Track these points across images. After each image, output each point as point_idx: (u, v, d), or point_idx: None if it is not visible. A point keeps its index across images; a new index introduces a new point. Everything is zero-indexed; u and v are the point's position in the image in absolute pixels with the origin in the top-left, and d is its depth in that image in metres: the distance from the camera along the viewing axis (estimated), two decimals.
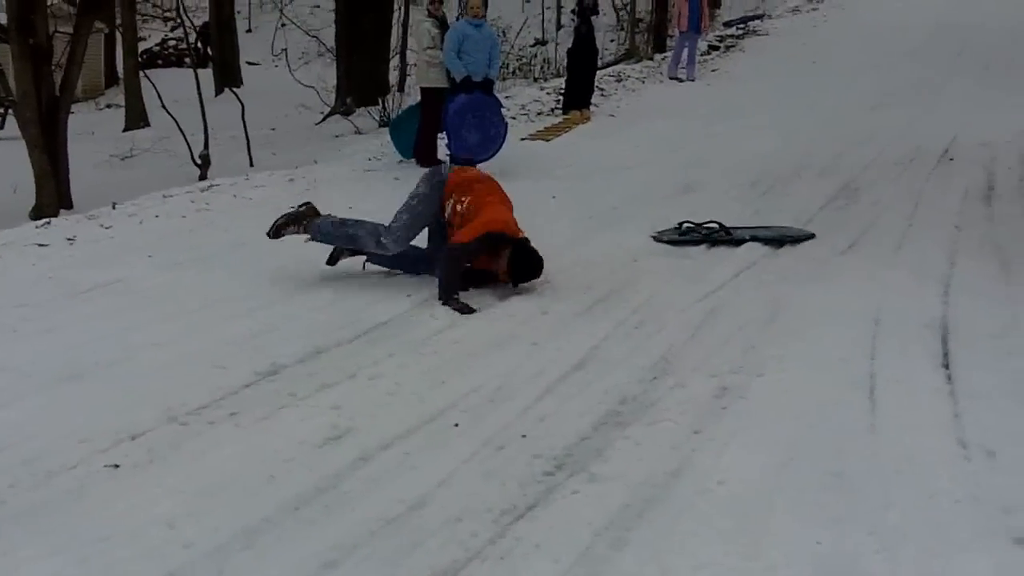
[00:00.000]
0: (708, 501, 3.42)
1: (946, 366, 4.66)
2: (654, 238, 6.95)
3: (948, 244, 6.80)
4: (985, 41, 18.04)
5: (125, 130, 19.94)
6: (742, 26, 22.34)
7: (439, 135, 10.36)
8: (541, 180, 9.31)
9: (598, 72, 14.62)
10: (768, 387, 4.41)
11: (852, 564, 3.06)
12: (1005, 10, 21.35)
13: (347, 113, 17.30)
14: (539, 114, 13.81)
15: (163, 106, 14.45)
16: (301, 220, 6.27)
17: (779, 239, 6.71)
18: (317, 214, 6.30)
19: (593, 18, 14.54)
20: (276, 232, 6.25)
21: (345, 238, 6.17)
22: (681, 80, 16.31)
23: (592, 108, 13.66)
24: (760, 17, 23.55)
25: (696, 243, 6.77)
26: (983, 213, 7.74)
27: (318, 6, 28.67)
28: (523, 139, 11.73)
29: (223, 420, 4.11)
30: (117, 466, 3.68)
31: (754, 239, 6.71)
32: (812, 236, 6.70)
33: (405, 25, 21.40)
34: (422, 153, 10.31)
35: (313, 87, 18.71)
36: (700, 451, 3.80)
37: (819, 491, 3.49)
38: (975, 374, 4.50)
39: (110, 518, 3.29)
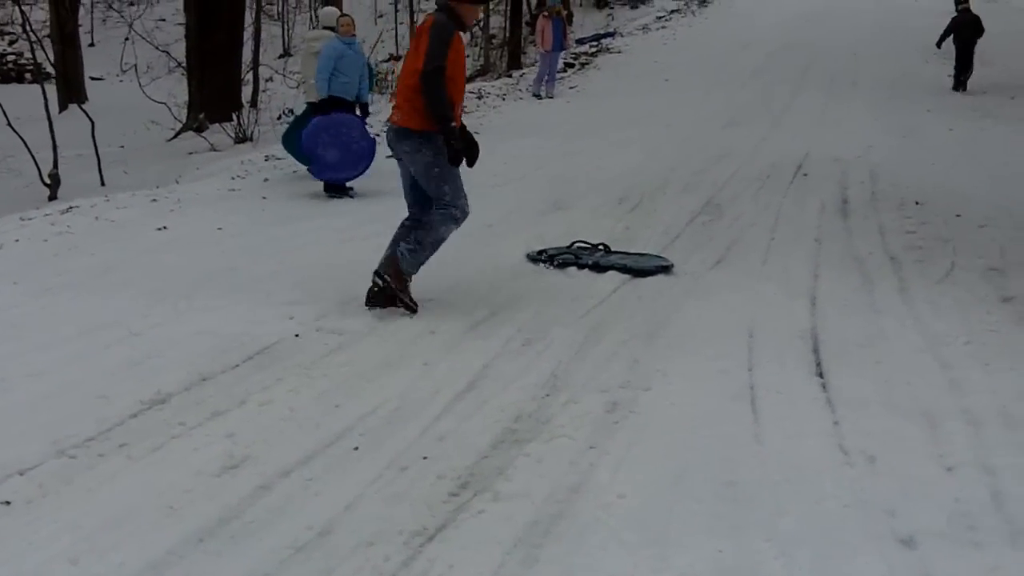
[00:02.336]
0: (612, 515, 3.51)
1: (820, 375, 4.88)
2: (528, 257, 7.04)
3: (811, 257, 7.11)
4: (829, 59, 18.89)
5: None
6: (595, 44, 22.85)
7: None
8: None
9: None
10: (656, 401, 4.54)
11: (754, 571, 3.19)
12: (847, 29, 22.44)
13: (200, 129, 16.95)
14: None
15: (9, 124, 13.87)
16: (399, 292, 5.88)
17: (640, 271, 6.72)
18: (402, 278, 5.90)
19: None
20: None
21: (431, 248, 5.89)
22: (541, 97, 16.59)
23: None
24: (612, 35, 24.14)
25: (565, 265, 6.79)
26: (841, 226, 8.10)
27: (164, 20, 28.03)
28: (388, 157, 11.69)
29: (113, 452, 4.01)
30: (8, 503, 3.56)
31: (619, 268, 6.74)
32: (670, 267, 6.74)
33: (257, 40, 21.12)
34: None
35: (164, 103, 18.26)
36: (598, 466, 3.90)
37: (714, 501, 3.63)
38: (848, 382, 4.74)
39: (8, 557, 3.19)
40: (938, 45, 17.73)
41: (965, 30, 16.98)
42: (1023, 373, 4.91)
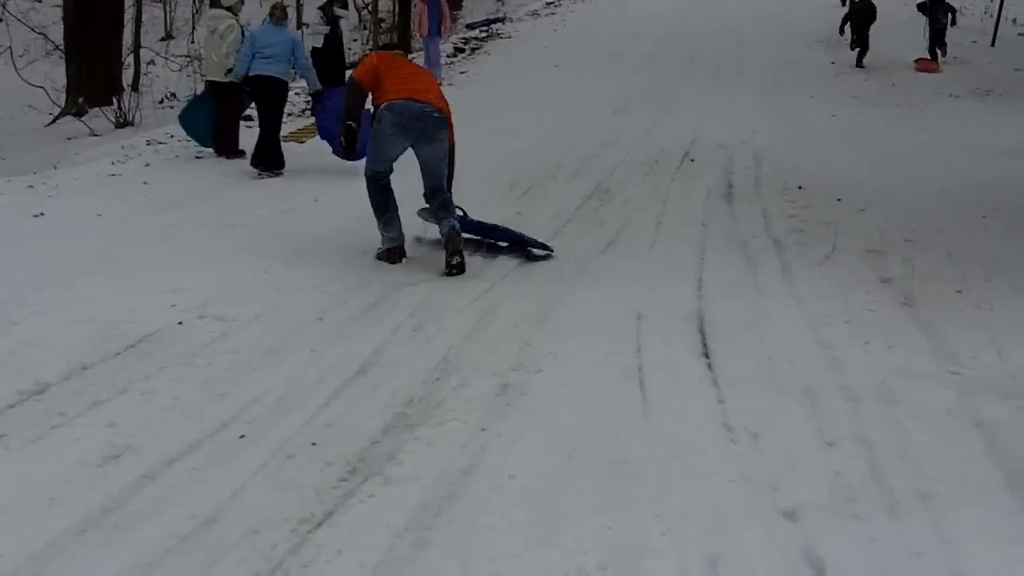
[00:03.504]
0: (502, 495, 3.53)
1: (706, 355, 4.97)
2: (418, 214, 7.19)
3: (697, 241, 7.22)
4: (716, 47, 19.18)
5: None
6: (485, 29, 22.80)
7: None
8: (301, 182, 9.22)
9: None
10: (547, 383, 4.57)
11: (641, 546, 3.23)
12: (734, 17, 22.83)
13: (79, 114, 16.44)
14: (289, 115, 13.59)
15: None
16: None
17: (522, 242, 6.86)
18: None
19: (341, 19, 14.46)
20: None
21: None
22: None
23: None
24: (502, 20, 24.12)
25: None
26: (726, 211, 8.25)
27: (40, 1, 27.07)
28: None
29: None
30: None
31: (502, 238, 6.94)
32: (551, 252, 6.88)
33: (138, 22, 20.57)
34: (223, 143, 10.56)
35: (42, 87, 17.68)
36: (489, 448, 3.91)
37: (604, 479, 3.67)
38: (732, 363, 4.83)
39: None
40: (840, 32, 18.81)
41: (859, 16, 18.10)
42: (900, 351, 5.07)
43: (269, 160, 9.69)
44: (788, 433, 4.07)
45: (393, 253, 6.61)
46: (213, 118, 10.53)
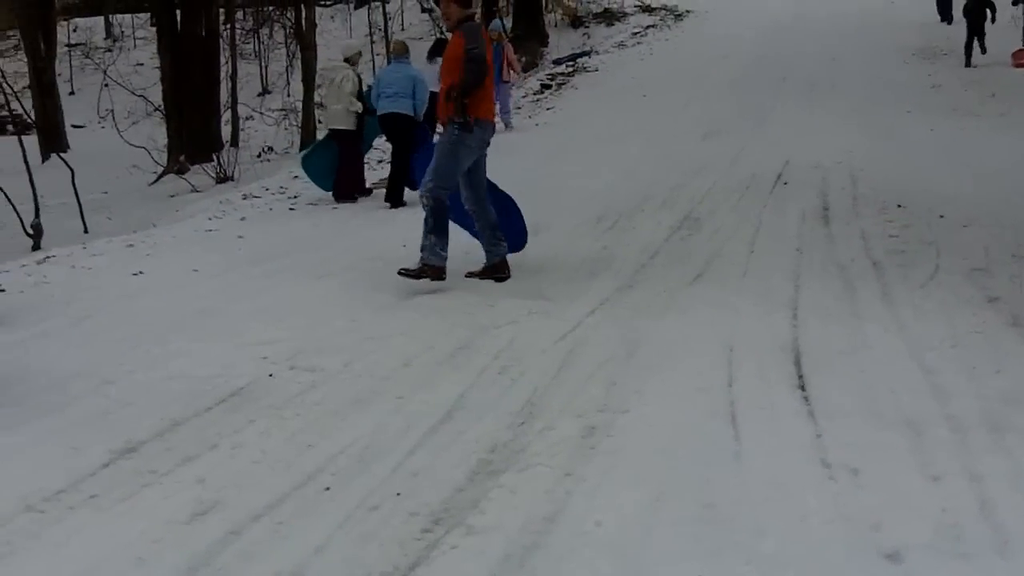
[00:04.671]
0: (587, 544, 3.43)
1: (802, 387, 4.80)
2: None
3: (791, 267, 7.04)
4: (807, 65, 18.87)
5: None
6: (571, 63, 22.83)
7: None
8: (390, 228, 9.30)
9: None
10: (634, 423, 4.46)
11: None
12: (824, 35, 22.45)
13: (181, 172, 16.93)
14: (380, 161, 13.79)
15: None
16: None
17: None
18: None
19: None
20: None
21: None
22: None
23: None
24: (588, 53, 24.12)
25: None
26: (822, 234, 8.05)
27: (142, 64, 28.04)
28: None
29: (83, 504, 3.92)
30: None
31: None
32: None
33: (234, 80, 21.11)
34: (342, 189, 11.11)
35: (144, 147, 18.23)
36: (574, 493, 3.81)
37: (694, 524, 3.54)
38: (831, 393, 4.66)
39: None
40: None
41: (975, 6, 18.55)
42: (1010, 375, 4.83)
43: (395, 197, 10.36)
44: (890, 468, 3.89)
45: (442, 272, 6.92)
46: (334, 164, 11.04)
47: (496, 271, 7.24)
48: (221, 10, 21.60)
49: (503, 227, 7.32)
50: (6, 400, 5.10)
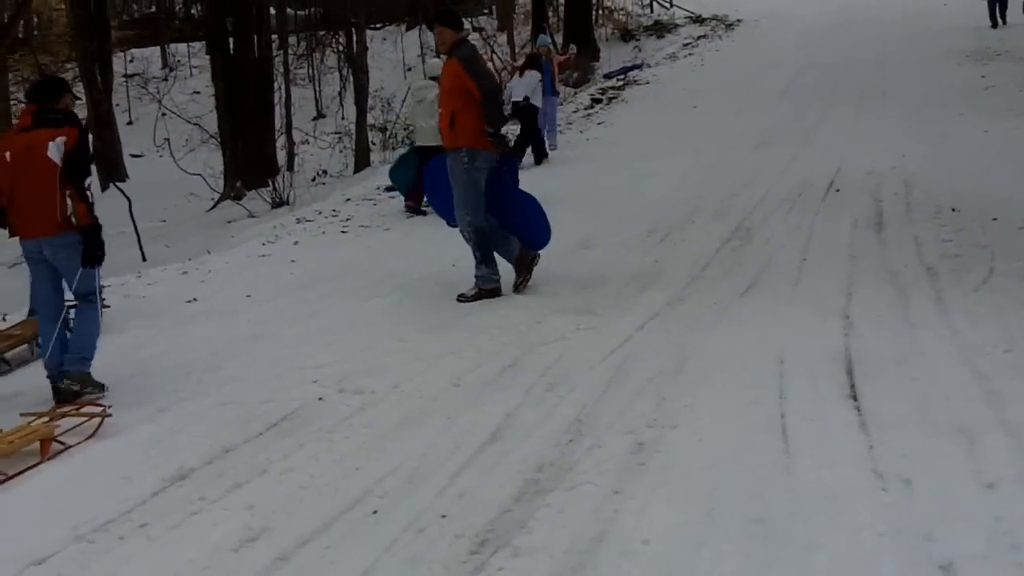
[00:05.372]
0: (634, 563, 3.39)
1: (854, 397, 4.72)
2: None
3: (844, 275, 6.94)
4: (857, 71, 18.61)
5: (11, 237, 19.35)
6: (622, 77, 22.74)
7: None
8: (439, 247, 9.30)
9: None
10: (683, 438, 4.41)
11: None
12: (874, 40, 22.11)
13: (238, 197, 17.10)
14: None
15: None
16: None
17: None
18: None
19: None
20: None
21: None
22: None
23: None
24: (639, 66, 23.99)
25: None
26: (875, 240, 7.92)
27: (198, 92, 28.42)
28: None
29: (133, 533, 3.97)
30: None
31: None
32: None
33: (288, 105, 21.34)
34: (417, 201, 11.30)
35: (200, 174, 18.49)
36: (622, 511, 3.78)
37: (744, 540, 3.49)
38: (883, 404, 4.57)
39: None
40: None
41: None
42: None
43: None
44: (944, 477, 3.80)
45: (498, 291, 7.16)
46: (414, 177, 11.15)
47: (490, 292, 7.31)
48: (273, 36, 21.87)
49: (523, 226, 7.45)
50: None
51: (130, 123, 29.06)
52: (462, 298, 7.14)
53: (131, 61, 32.18)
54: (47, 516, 4.15)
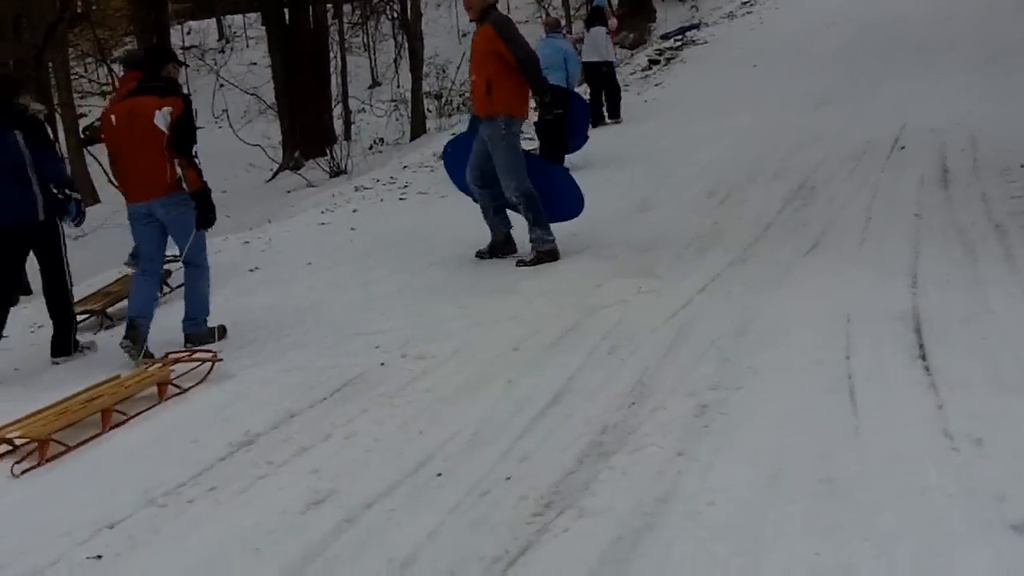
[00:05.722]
0: (700, 524, 3.36)
1: (923, 357, 4.62)
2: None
3: (910, 233, 6.80)
4: (921, 27, 18.18)
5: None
6: (679, 37, 22.46)
7: None
8: None
9: None
10: (747, 400, 4.36)
11: (852, 572, 3.00)
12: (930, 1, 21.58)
13: (296, 167, 17.26)
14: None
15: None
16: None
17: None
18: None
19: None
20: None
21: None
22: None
23: None
24: (697, 26, 23.68)
25: None
26: (941, 198, 7.76)
27: (255, 63, 28.60)
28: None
29: (202, 497, 4.04)
30: (99, 557, 3.59)
31: None
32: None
33: (344, 74, 21.39)
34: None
35: (259, 145, 18.64)
36: (686, 473, 3.75)
37: (810, 500, 3.44)
38: (953, 362, 4.47)
39: None
40: None
41: None
42: None
43: (559, 160, 10.42)
44: (1016, 437, 3.71)
45: (556, 252, 7.17)
46: None
47: (503, 248, 7.58)
48: (328, 5, 21.91)
49: (554, 197, 7.42)
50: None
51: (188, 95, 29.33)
52: (521, 264, 7.14)
53: (188, 33, 32.49)
54: (119, 480, 4.24)
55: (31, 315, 7.36)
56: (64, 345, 6.20)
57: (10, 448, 4.67)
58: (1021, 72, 13.48)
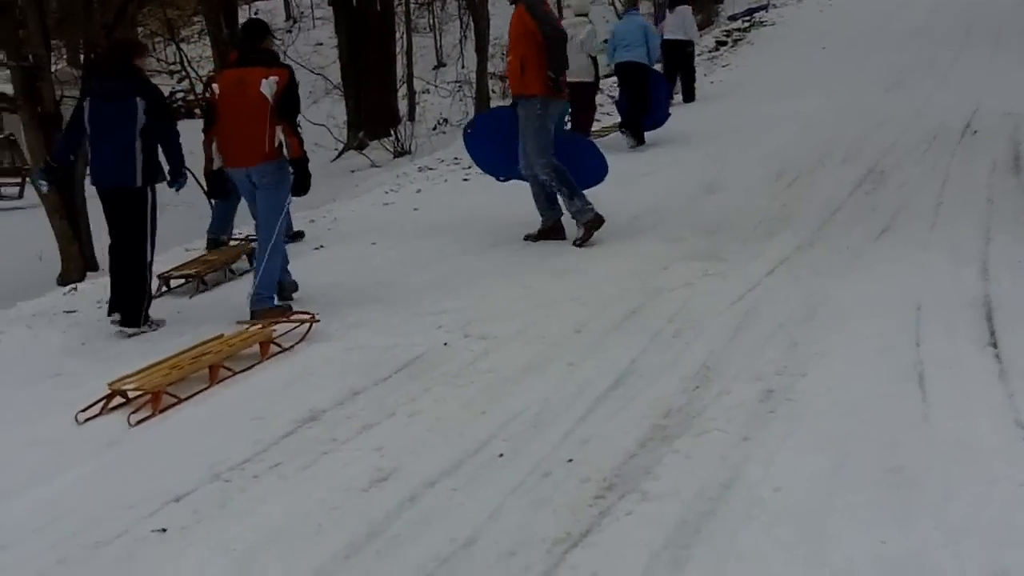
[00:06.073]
0: (765, 510, 3.33)
1: (994, 345, 4.55)
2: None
3: (982, 219, 6.68)
4: (993, 10, 17.79)
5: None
6: (748, 19, 22.21)
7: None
8: None
9: None
10: (814, 386, 4.31)
11: (920, 562, 2.96)
12: None
13: (361, 147, 17.35)
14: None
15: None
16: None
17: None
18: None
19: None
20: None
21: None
22: None
23: None
24: (765, 7, 23.40)
25: None
26: (1014, 184, 7.61)
27: (321, 44, 28.78)
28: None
29: (266, 473, 4.07)
30: (164, 530, 3.64)
31: None
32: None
33: (409, 54, 21.44)
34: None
35: (324, 125, 18.76)
36: (751, 459, 3.71)
37: (877, 488, 3.40)
38: None
39: None
40: None
41: None
42: None
43: (638, 135, 10.97)
44: None
45: (599, 218, 7.18)
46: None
47: (551, 233, 7.46)
48: None
49: (578, 166, 7.43)
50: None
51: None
52: (578, 242, 7.15)
53: (255, 13, 32.70)
54: (186, 455, 4.28)
55: (95, 291, 7.46)
56: (135, 317, 6.28)
57: (123, 400, 4.90)
58: None
